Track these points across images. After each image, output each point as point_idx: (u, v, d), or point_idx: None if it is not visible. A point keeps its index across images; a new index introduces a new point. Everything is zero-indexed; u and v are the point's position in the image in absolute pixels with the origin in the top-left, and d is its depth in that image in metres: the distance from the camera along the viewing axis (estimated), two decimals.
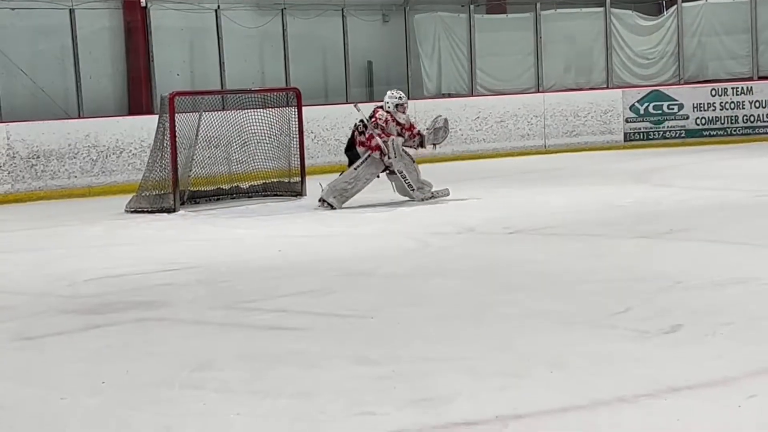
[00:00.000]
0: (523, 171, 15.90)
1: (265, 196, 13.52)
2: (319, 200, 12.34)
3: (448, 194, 12.60)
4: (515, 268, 8.09)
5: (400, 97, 12.70)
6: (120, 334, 6.37)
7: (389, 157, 12.28)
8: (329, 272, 8.17)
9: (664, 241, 9.06)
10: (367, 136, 12.36)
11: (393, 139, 12.36)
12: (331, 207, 12.21)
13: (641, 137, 18.98)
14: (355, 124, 12.65)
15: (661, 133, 18.89)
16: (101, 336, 6.35)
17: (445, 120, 13.07)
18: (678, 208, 11.05)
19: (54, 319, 6.93)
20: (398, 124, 12.58)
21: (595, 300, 6.74)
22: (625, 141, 18.98)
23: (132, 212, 12.60)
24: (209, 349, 5.88)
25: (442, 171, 15.53)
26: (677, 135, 19.00)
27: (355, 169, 12.38)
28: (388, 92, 12.86)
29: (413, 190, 12.50)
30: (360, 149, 12.44)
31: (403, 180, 12.49)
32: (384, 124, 12.38)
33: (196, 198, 13.22)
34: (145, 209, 12.59)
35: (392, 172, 12.51)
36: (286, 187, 13.68)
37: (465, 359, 5.41)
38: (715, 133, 19.03)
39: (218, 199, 13.30)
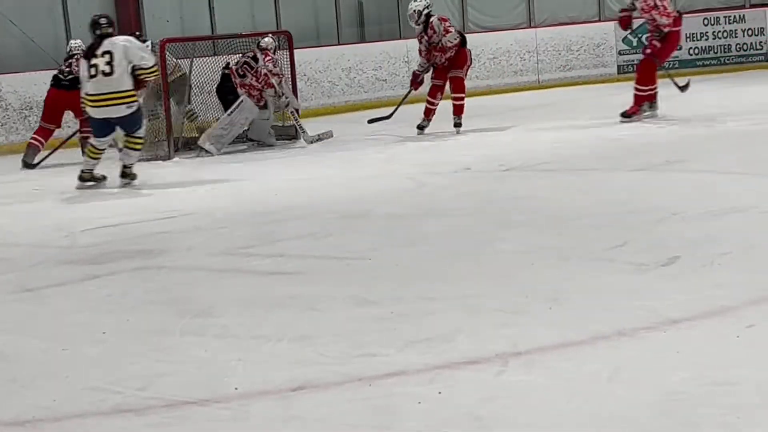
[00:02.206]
0: (517, 108, 15.87)
1: (245, 141, 13.48)
2: (198, 148, 12.69)
3: (331, 136, 13.12)
4: (512, 205, 8.09)
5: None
6: (119, 284, 6.38)
7: (285, 96, 12.70)
8: (326, 215, 8.17)
9: (660, 173, 9.06)
10: (263, 73, 12.64)
11: (285, 79, 12.86)
12: (209, 153, 12.55)
13: (635, 69, 18.86)
14: (229, 66, 12.95)
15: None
16: (100, 286, 6.36)
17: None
18: (673, 139, 11.05)
19: (53, 270, 6.94)
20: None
21: (593, 234, 6.75)
22: (618, 73, 18.92)
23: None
24: (208, 296, 5.89)
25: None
26: (671, 66, 18.89)
27: (229, 115, 12.67)
28: (267, 37, 13.42)
29: (303, 132, 12.99)
30: (241, 91, 12.71)
31: (295, 121, 13.06)
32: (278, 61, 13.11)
33: (190, 145, 13.19)
34: (141, 157, 12.54)
35: (264, 108, 13.02)
36: (280, 131, 13.65)
37: (464, 297, 5.42)
38: (708, 62, 18.98)
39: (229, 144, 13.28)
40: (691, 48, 18.96)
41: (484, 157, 10.68)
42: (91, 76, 10.40)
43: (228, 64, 13.17)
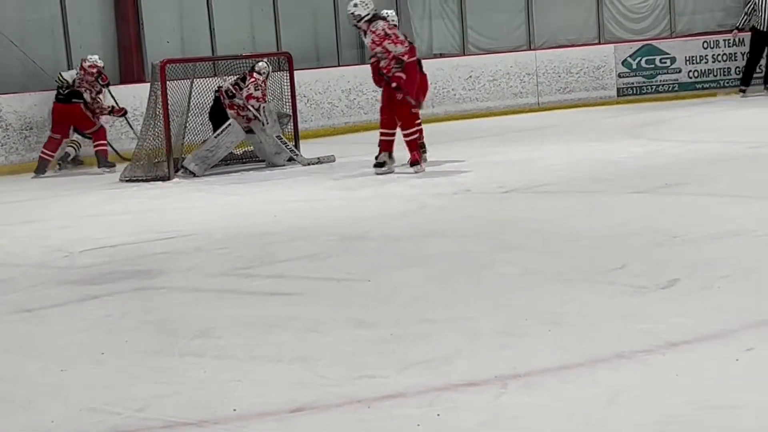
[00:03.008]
0: (516, 129, 15.89)
1: (259, 161, 13.50)
2: (180, 168, 12.67)
3: (333, 160, 13.06)
4: (512, 226, 8.09)
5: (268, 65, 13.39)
6: (118, 304, 6.37)
7: (264, 123, 12.71)
8: (325, 236, 8.17)
9: (660, 196, 9.06)
10: (245, 96, 12.68)
11: (264, 106, 12.82)
12: (193, 174, 12.55)
13: (634, 92, 18.95)
14: (221, 88, 12.99)
15: (654, 87, 18.85)
16: (100, 306, 6.36)
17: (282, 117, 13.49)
18: (672, 161, 11.05)
19: (52, 290, 6.94)
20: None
21: (592, 256, 6.75)
22: (618, 96, 18.94)
23: (127, 181, 12.60)
24: (208, 317, 5.89)
25: (436, 131, 15.49)
26: (670, 89, 18.97)
27: (216, 137, 12.72)
28: (262, 62, 13.37)
29: (297, 155, 13.08)
30: (230, 112, 12.77)
31: (284, 145, 13.13)
32: (263, 84, 12.98)
33: None
34: (140, 178, 12.59)
35: (251, 132, 13.07)
36: (261, 157, 13.64)
37: (463, 319, 5.42)
38: (707, 85, 19.00)
39: (213, 166, 13.28)
40: (690, 71, 18.99)
41: (484, 179, 10.68)
42: None
43: (220, 87, 13.21)
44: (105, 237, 8.80)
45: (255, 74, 13.05)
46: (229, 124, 12.81)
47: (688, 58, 19.01)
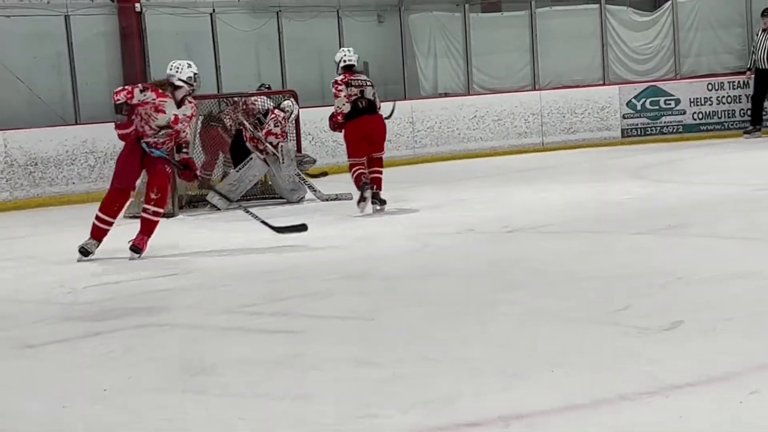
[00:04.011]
0: (521, 169, 15.91)
1: (263, 199, 13.52)
2: (207, 203, 12.87)
3: (350, 198, 12.90)
4: (515, 266, 8.09)
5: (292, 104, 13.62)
6: (121, 341, 6.37)
7: (281, 161, 12.78)
8: (329, 274, 8.17)
9: (663, 237, 9.06)
10: (264, 133, 12.76)
11: (283, 144, 12.89)
12: (217, 208, 12.65)
13: (638, 133, 19.00)
14: (242, 123, 13.08)
15: (659, 128, 18.89)
16: (102, 343, 6.35)
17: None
18: (676, 203, 11.05)
19: (55, 326, 6.93)
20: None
21: (596, 297, 6.74)
22: (622, 137, 18.99)
23: (131, 218, 12.56)
24: (210, 354, 5.88)
25: (441, 170, 15.57)
26: (674, 130, 19.01)
27: (238, 171, 12.78)
28: (288, 101, 13.63)
29: (315, 191, 13.22)
30: (249, 145, 12.85)
31: (303, 182, 13.35)
32: (283, 121, 12.91)
33: (194, 202, 13.22)
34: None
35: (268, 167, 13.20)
36: (277, 193, 13.69)
37: (466, 359, 5.41)
38: (712, 127, 19.04)
39: (236, 200, 13.30)
40: (695, 113, 19.04)
41: (487, 219, 10.69)
42: None
43: (242, 122, 13.28)
44: (109, 273, 8.81)
45: (277, 111, 13.12)
46: (251, 158, 12.91)
47: (692, 100, 19.06)
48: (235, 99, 13.89)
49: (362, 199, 11.66)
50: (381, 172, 11.98)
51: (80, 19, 16.12)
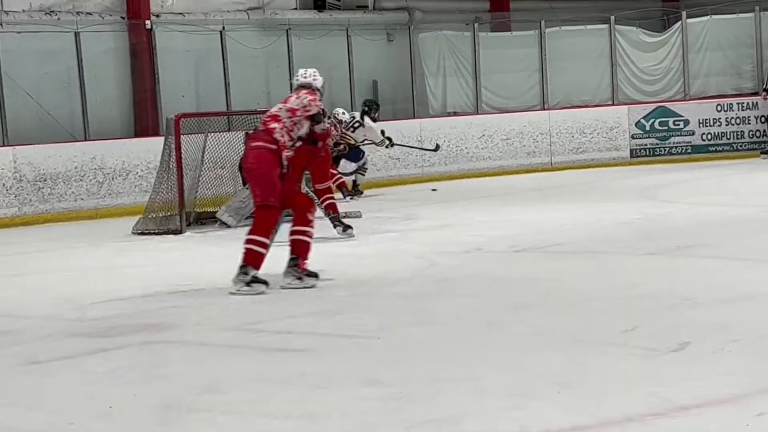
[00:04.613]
0: (529, 188, 15.90)
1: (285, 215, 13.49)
2: (217, 221, 12.82)
3: (359, 216, 12.94)
4: (523, 286, 8.07)
5: (343, 111, 14.03)
6: (127, 357, 6.36)
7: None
8: (336, 292, 8.16)
9: (672, 258, 9.04)
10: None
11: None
12: (227, 226, 12.64)
13: (647, 153, 18.98)
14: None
15: (667, 149, 18.88)
16: (108, 359, 6.34)
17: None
18: (685, 224, 11.03)
19: (61, 342, 6.93)
20: None
21: (603, 318, 6.72)
22: (631, 157, 18.98)
23: (139, 234, 12.62)
24: (216, 372, 5.87)
25: (449, 189, 15.56)
26: (683, 151, 19.00)
27: (248, 188, 12.76)
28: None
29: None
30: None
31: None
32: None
33: (202, 219, 13.23)
34: (152, 231, 12.60)
35: None
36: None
37: (473, 379, 5.39)
38: (721, 148, 19.02)
39: (246, 217, 13.28)
40: (704, 134, 19.03)
41: (495, 238, 10.68)
42: None
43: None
44: (115, 290, 8.80)
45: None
46: None
47: (701, 121, 19.06)
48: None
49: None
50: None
51: (90, 35, 16.16)
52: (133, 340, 6.80)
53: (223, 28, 17.33)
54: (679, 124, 19.01)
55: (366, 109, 16.19)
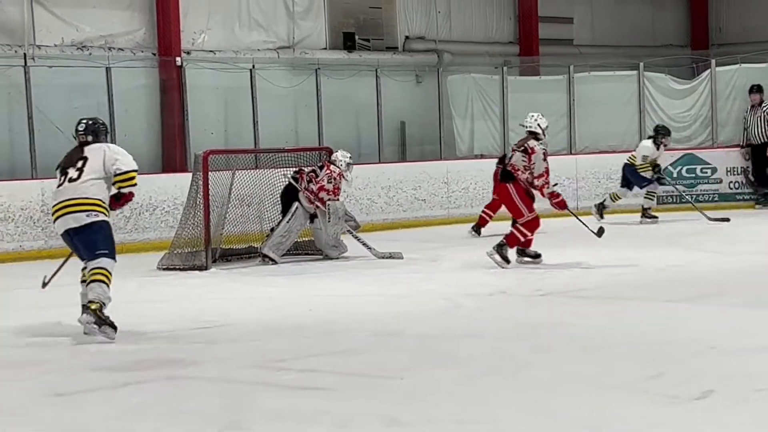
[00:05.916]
0: (555, 233, 15.85)
1: (296, 254, 13.53)
2: (260, 256, 12.98)
3: (401, 257, 12.99)
4: (547, 330, 8.06)
5: (350, 156, 13.59)
6: (151, 392, 6.38)
7: (328, 218, 12.82)
8: (360, 332, 8.16)
9: (697, 305, 9.01)
10: (317, 187, 12.81)
11: (333, 202, 12.89)
12: (273, 261, 12.83)
13: (674, 200, 18.92)
14: (303, 171, 13.09)
15: (695, 196, 18.82)
16: (132, 393, 6.36)
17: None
18: (711, 272, 11.00)
19: (85, 375, 6.96)
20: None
21: (628, 364, 6.70)
22: (658, 204, 18.90)
23: (164, 269, 12.66)
24: (239, 408, 5.87)
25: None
26: (710, 198, 18.94)
27: (287, 222, 12.89)
28: (340, 151, 13.55)
29: (370, 248, 13.17)
30: (302, 195, 12.91)
31: (357, 240, 13.34)
32: (337, 177, 13.11)
33: (227, 256, 13.27)
34: (178, 267, 12.65)
35: (312, 221, 13.24)
36: (317, 246, 13.71)
37: (495, 422, 5.38)
38: (748, 197, 18.95)
39: (250, 257, 13.32)
40: (731, 182, 18.98)
41: (520, 281, 10.67)
42: (58, 186, 9.06)
43: (302, 169, 13.35)
44: (140, 324, 8.82)
45: (333, 167, 13.15)
46: (296, 208, 13.00)
47: (729, 169, 19.01)
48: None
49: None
50: None
51: (121, 71, 16.27)
52: (157, 375, 6.82)
53: (253, 66, 17.41)
54: (706, 172, 18.97)
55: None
